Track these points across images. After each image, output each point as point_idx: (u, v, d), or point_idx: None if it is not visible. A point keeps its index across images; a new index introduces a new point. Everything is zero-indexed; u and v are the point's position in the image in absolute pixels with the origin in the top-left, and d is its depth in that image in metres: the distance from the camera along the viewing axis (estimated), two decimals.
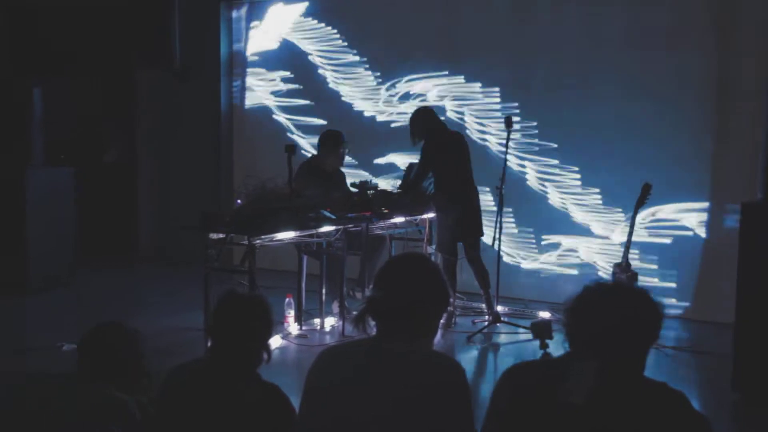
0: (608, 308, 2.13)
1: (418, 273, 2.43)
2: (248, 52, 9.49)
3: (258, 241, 5.76)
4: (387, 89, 8.47)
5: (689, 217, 7.06)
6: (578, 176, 7.49)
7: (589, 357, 2.09)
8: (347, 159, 7.25)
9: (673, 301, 7.11)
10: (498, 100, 7.85)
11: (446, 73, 8.12)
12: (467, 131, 7.83)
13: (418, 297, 2.37)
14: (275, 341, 6.19)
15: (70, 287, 8.12)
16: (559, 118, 7.54)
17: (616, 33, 7.29)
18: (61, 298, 7.77)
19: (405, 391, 2.24)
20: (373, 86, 8.58)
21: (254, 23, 9.43)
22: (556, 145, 7.58)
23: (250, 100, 9.50)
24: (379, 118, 8.55)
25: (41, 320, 7.16)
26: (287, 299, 6.53)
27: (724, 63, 6.85)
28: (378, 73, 8.54)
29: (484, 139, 7.89)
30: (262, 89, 9.39)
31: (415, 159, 6.99)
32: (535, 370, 2.26)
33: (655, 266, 7.15)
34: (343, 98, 8.77)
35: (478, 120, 7.95)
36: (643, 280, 6.92)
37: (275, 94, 9.24)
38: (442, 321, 6.52)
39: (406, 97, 8.35)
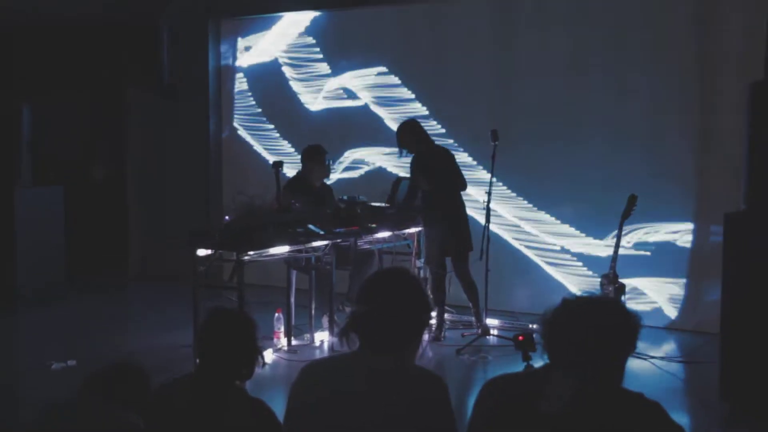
0: (584, 320, 2.16)
1: (400, 288, 2.45)
2: (238, 69, 9.53)
3: (246, 257, 5.78)
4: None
5: (676, 228, 7.10)
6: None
7: (567, 368, 2.12)
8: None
9: (661, 311, 7.16)
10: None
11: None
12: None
13: (400, 311, 2.40)
14: (267, 355, 6.21)
15: (61, 305, 8.12)
16: (544, 139, 7.62)
17: (598, 54, 7.36)
18: (51, 316, 7.77)
19: (387, 405, 2.27)
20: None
21: (244, 39, 9.47)
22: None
23: (239, 117, 9.54)
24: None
25: (31, 338, 7.15)
26: (276, 314, 6.55)
27: (706, 76, 6.94)
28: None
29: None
30: (251, 105, 9.44)
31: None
32: (513, 382, 2.28)
33: (642, 277, 7.19)
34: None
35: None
36: (631, 291, 6.97)
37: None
38: (430, 334, 6.47)
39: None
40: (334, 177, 8.22)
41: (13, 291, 7.87)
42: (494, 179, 6.83)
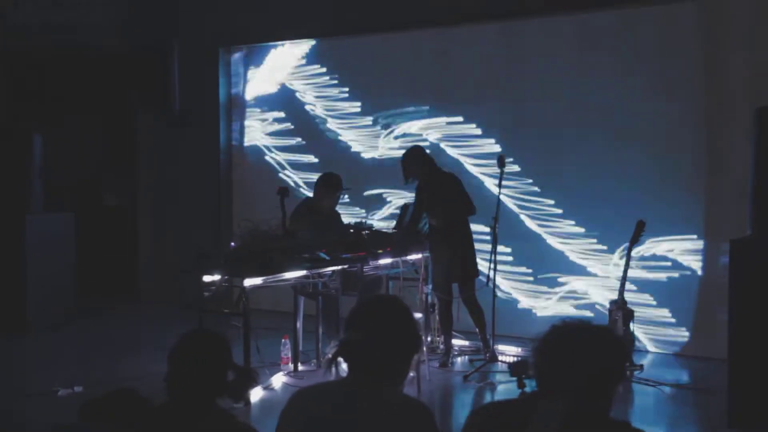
0: (571, 346, 2.14)
1: (387, 316, 2.44)
2: (247, 96, 9.60)
3: (250, 283, 5.76)
4: (382, 129, 8.59)
5: (685, 253, 7.05)
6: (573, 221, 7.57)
7: (554, 395, 2.10)
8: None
9: (671, 337, 7.09)
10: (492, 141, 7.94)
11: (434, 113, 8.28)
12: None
13: (387, 339, 2.38)
14: (276, 380, 6.21)
15: (69, 330, 8.14)
16: (553, 159, 7.62)
17: (606, 73, 7.38)
18: (59, 342, 7.79)
19: None
20: (369, 127, 8.70)
21: (252, 67, 9.55)
22: (553, 202, 7.67)
23: (249, 143, 9.60)
24: (375, 156, 8.67)
25: (39, 363, 7.16)
26: (283, 340, 6.55)
27: (713, 98, 6.93)
28: (372, 118, 8.71)
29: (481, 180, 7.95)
30: (260, 132, 9.49)
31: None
32: (501, 410, 2.26)
33: (652, 302, 7.13)
34: (340, 138, 8.91)
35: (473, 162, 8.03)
36: (640, 317, 6.91)
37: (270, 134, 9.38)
38: (438, 360, 6.35)
39: (401, 135, 8.46)
40: None
41: (22, 316, 7.89)
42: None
